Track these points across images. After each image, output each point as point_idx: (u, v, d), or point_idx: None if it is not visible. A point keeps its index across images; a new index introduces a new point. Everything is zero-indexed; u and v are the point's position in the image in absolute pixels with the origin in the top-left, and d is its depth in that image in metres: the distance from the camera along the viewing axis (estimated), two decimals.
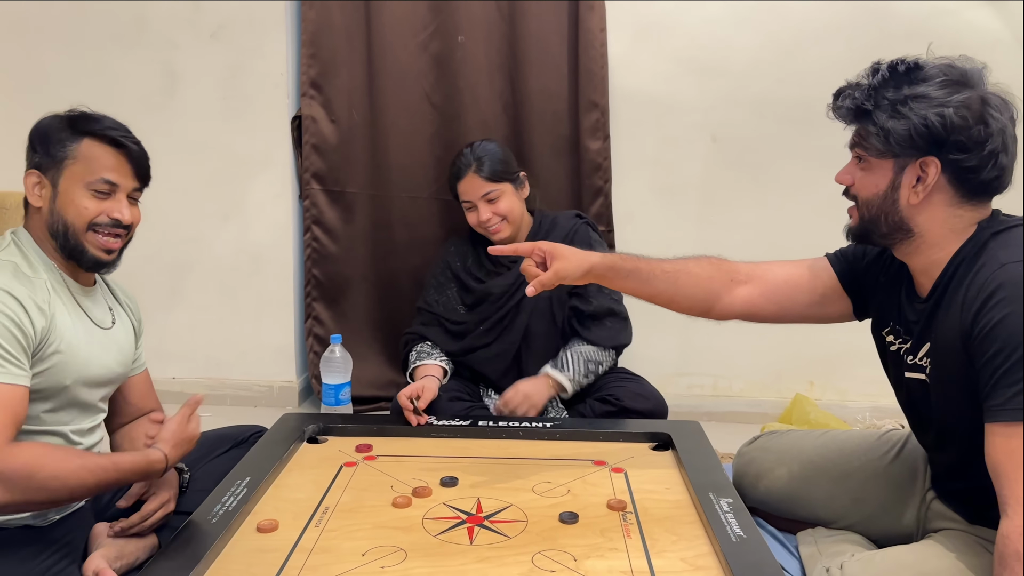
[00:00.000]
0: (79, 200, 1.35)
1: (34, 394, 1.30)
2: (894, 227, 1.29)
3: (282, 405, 2.73)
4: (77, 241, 1.36)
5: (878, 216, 1.29)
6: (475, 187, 2.01)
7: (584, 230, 2.07)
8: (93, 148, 1.36)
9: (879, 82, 1.25)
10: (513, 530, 1.35)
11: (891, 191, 1.27)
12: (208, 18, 2.59)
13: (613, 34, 2.52)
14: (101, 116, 1.40)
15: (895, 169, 1.26)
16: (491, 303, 2.08)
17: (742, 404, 2.70)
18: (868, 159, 1.29)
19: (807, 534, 1.61)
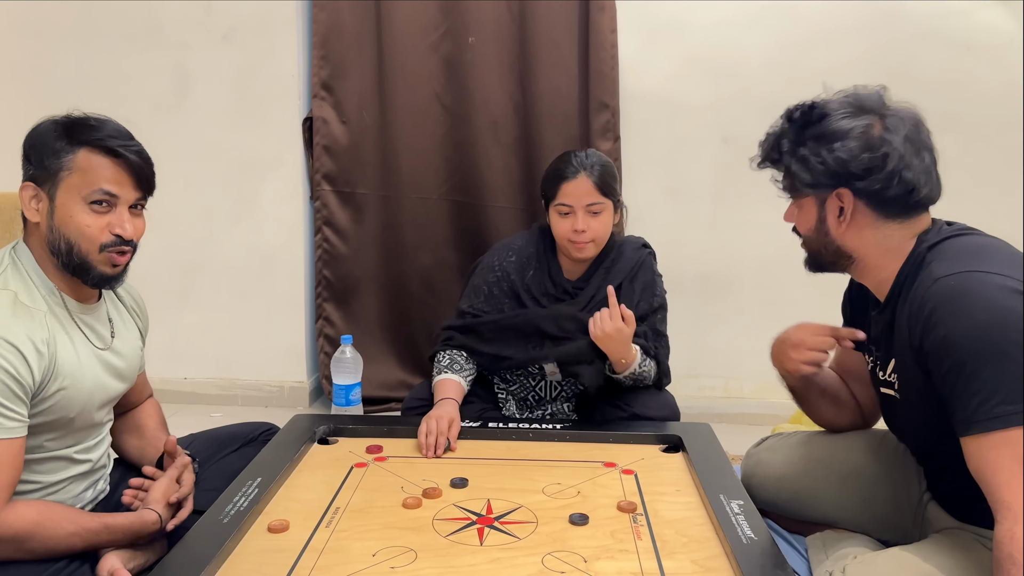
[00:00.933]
0: (78, 216, 1.27)
1: (38, 427, 1.27)
2: (834, 255, 1.35)
3: (293, 406, 2.74)
4: (83, 259, 1.29)
5: (818, 248, 1.36)
6: (584, 192, 1.84)
7: (648, 262, 1.99)
8: (90, 158, 1.27)
9: (780, 131, 1.33)
10: (523, 531, 1.35)
11: (820, 224, 1.33)
12: (220, 20, 2.60)
13: (624, 35, 2.52)
14: (100, 121, 1.31)
15: (817, 204, 1.32)
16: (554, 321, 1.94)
17: (753, 406, 2.69)
18: (797, 197, 1.36)
19: (816, 537, 1.60)
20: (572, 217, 1.85)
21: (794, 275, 2.69)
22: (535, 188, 2.62)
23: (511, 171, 2.64)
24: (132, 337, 1.51)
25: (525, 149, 2.63)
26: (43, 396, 1.27)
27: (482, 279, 1.99)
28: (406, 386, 2.67)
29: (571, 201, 1.85)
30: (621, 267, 1.95)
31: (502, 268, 1.98)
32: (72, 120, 1.31)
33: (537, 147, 2.59)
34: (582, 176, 1.84)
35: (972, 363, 1.13)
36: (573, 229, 1.85)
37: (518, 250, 2.00)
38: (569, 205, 1.85)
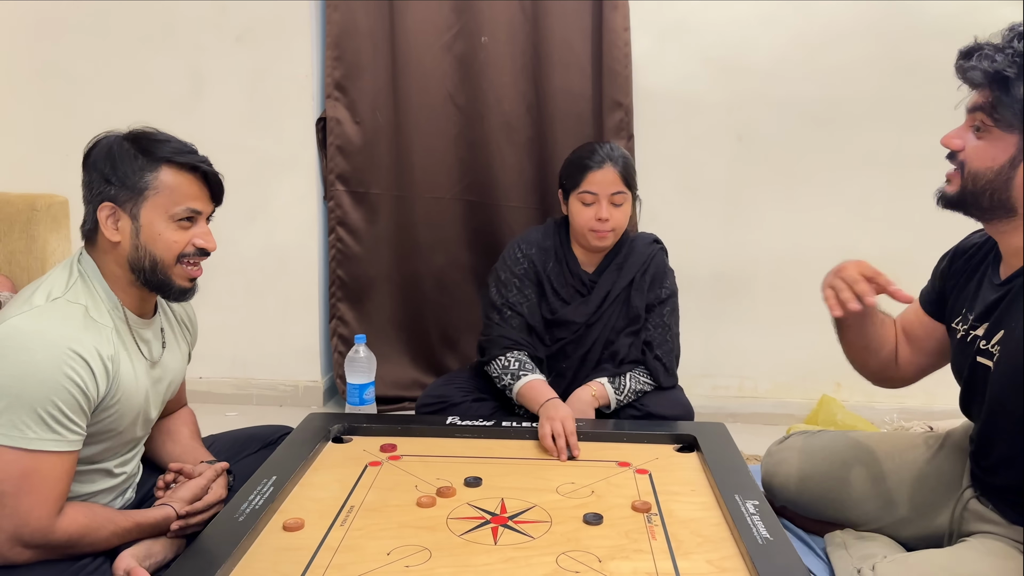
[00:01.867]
0: (167, 233, 1.31)
1: (89, 439, 1.29)
2: (997, 204, 1.22)
3: (307, 405, 2.75)
4: (166, 275, 1.33)
5: (984, 191, 1.22)
6: (610, 181, 1.88)
7: (660, 257, 2.01)
8: (174, 176, 1.30)
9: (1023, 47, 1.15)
10: (537, 531, 1.35)
11: (1008, 168, 1.19)
12: (233, 21, 2.62)
13: (637, 33, 2.51)
14: (167, 137, 1.34)
15: (1019, 146, 1.18)
16: (568, 328, 1.99)
17: (768, 405, 2.68)
18: (990, 129, 1.20)
19: (834, 536, 1.59)
20: (596, 206, 1.89)
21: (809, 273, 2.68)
22: (548, 187, 2.62)
23: (524, 171, 2.64)
24: (181, 351, 1.53)
25: (538, 149, 2.62)
26: (102, 407, 1.29)
27: (510, 272, 2.00)
28: (420, 385, 2.67)
29: (596, 189, 1.88)
30: (633, 262, 1.97)
31: (527, 258, 2.00)
32: (141, 135, 1.33)
33: (550, 147, 2.59)
34: (608, 166, 1.88)
35: None
36: (596, 218, 1.89)
37: (537, 242, 2.02)
38: (594, 193, 1.88)
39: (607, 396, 1.90)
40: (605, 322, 1.97)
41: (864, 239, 2.47)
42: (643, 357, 1.96)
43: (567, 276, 2.00)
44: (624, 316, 1.97)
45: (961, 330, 1.38)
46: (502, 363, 1.93)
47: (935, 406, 2.54)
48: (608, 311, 1.97)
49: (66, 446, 1.22)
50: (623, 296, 1.97)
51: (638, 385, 1.93)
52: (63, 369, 1.20)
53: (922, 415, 2.50)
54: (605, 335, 1.98)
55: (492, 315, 2.00)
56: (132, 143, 1.31)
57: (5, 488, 1.17)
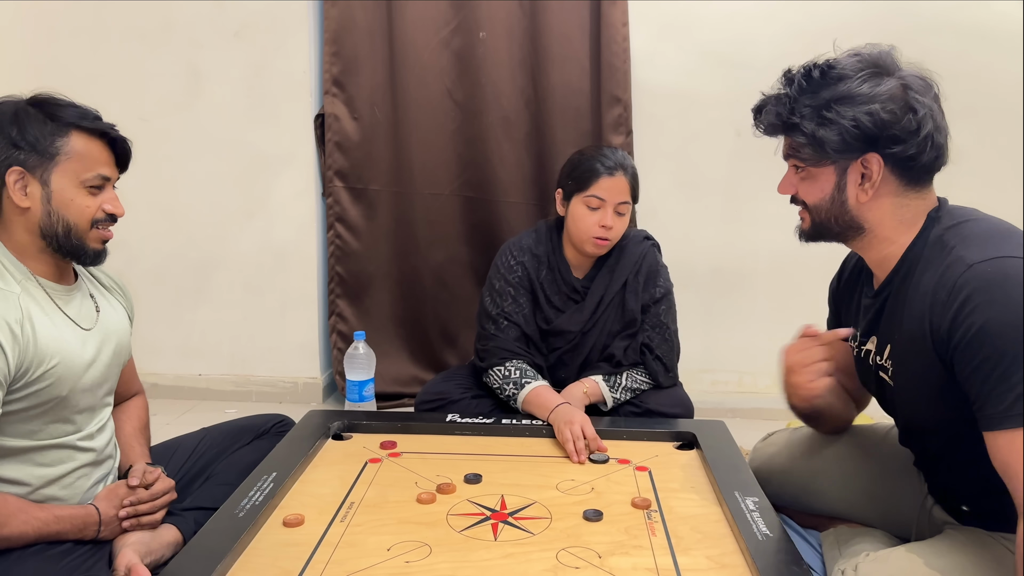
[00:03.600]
0: (79, 199, 1.30)
1: (32, 410, 1.28)
2: (845, 226, 1.29)
3: (307, 401, 2.75)
4: (80, 240, 1.32)
5: (828, 219, 1.29)
6: (619, 190, 1.86)
7: (652, 255, 1.99)
8: (85, 143, 1.30)
9: (797, 91, 1.23)
10: (537, 527, 1.35)
11: (837, 193, 1.26)
12: (231, 17, 2.61)
13: (636, 28, 2.51)
14: (72, 103, 1.32)
15: (837, 172, 1.25)
16: (564, 337, 1.98)
17: (768, 400, 2.67)
18: (806, 168, 1.28)
19: (830, 533, 1.59)
20: (601, 212, 1.86)
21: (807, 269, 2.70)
22: (547, 183, 2.62)
23: (523, 166, 2.64)
24: (119, 316, 1.50)
25: (537, 144, 2.62)
26: (30, 379, 1.26)
27: (504, 280, 1.97)
28: (419, 382, 2.68)
29: (605, 196, 1.85)
30: (625, 264, 1.95)
31: (522, 267, 1.97)
32: (47, 100, 1.31)
33: (549, 142, 2.58)
34: (620, 174, 1.86)
35: (1012, 354, 1.07)
36: (600, 224, 1.85)
37: (530, 249, 1.99)
38: (602, 199, 1.85)
39: (600, 393, 1.89)
40: (601, 328, 1.95)
41: None
42: (642, 359, 1.94)
43: (559, 284, 1.97)
44: (620, 320, 1.95)
45: (855, 347, 1.42)
46: (502, 373, 1.90)
47: None
48: (603, 316, 1.95)
49: None
50: (617, 300, 1.95)
51: (635, 384, 1.93)
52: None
53: None
54: (601, 340, 1.96)
55: (487, 325, 1.97)
56: (38, 108, 1.29)
57: None
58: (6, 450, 1.28)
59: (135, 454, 1.51)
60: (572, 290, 1.96)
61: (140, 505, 1.38)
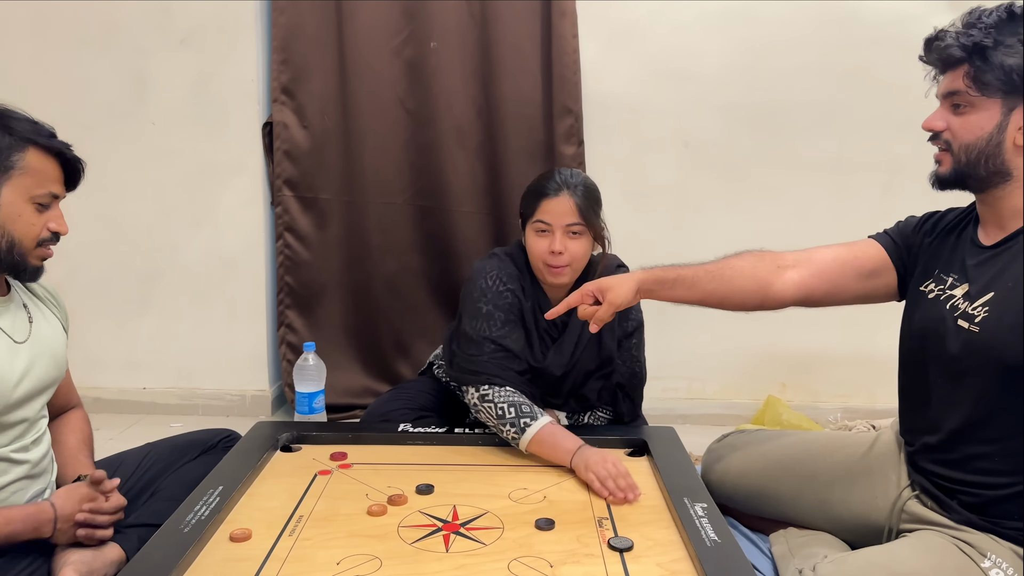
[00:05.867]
0: (27, 215, 1.29)
1: None
2: (993, 171, 1.29)
3: (255, 414, 2.71)
4: (22, 257, 1.30)
5: (978, 160, 1.29)
6: (565, 211, 1.73)
7: None
8: (40, 160, 1.29)
9: (994, 22, 1.25)
10: (489, 537, 1.35)
11: (997, 133, 1.26)
12: (178, 23, 2.56)
13: (585, 40, 2.53)
14: (28, 117, 1.31)
15: (1003, 110, 1.26)
16: (545, 379, 1.85)
17: (716, 406, 2.72)
18: (972, 102, 1.27)
19: (779, 535, 1.62)
20: (549, 236, 1.75)
21: None
22: (500, 192, 2.62)
23: (476, 175, 2.64)
24: (53, 328, 1.47)
25: (489, 153, 2.62)
26: None
27: (493, 305, 1.79)
28: (372, 393, 2.65)
29: (550, 219, 1.74)
30: None
31: (513, 295, 1.81)
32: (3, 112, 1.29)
33: (502, 151, 2.59)
34: (564, 195, 1.74)
35: None
36: (550, 250, 1.74)
37: (516, 278, 1.84)
38: (547, 223, 1.75)
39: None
40: (579, 369, 1.86)
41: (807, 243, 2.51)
42: (612, 400, 1.90)
43: (538, 314, 1.83)
44: (595, 358, 1.86)
45: (934, 291, 1.39)
46: (494, 412, 1.69)
47: (878, 405, 2.62)
48: (581, 357, 1.85)
49: None
50: (594, 339, 1.83)
51: (596, 421, 1.91)
52: None
53: (865, 414, 2.58)
54: (577, 381, 1.87)
55: (470, 350, 1.77)
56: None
57: None
58: None
59: (80, 466, 1.47)
60: (552, 323, 1.83)
61: (99, 515, 1.35)
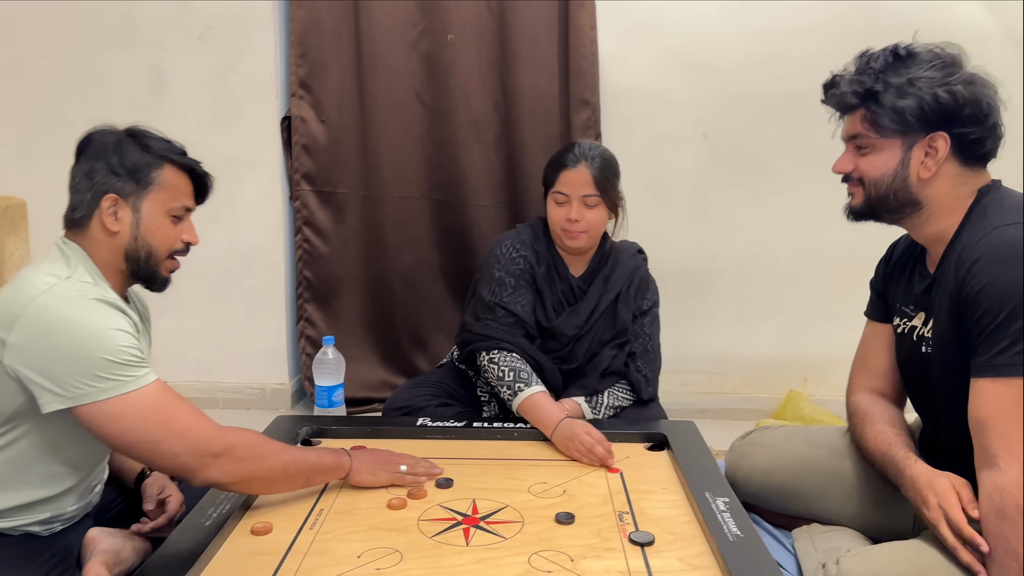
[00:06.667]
0: (164, 227, 1.37)
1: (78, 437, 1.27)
2: (903, 202, 1.34)
3: (275, 408, 2.72)
4: (156, 266, 1.38)
5: (887, 194, 1.34)
6: (581, 181, 1.84)
7: (643, 268, 2.00)
8: (174, 175, 1.37)
9: (882, 66, 1.31)
10: (509, 531, 1.34)
11: (901, 168, 1.32)
12: (196, 19, 2.57)
13: (603, 31, 2.52)
14: (163, 136, 1.40)
15: (903, 148, 1.31)
16: (558, 340, 1.94)
17: (736, 401, 2.70)
18: (873, 142, 1.33)
19: (802, 531, 1.60)
20: (567, 206, 1.86)
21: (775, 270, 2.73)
22: (517, 186, 2.62)
23: (492, 169, 2.63)
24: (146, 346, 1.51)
25: (506, 147, 2.62)
26: None
27: (505, 271, 1.92)
28: (389, 386, 2.66)
29: (567, 190, 1.85)
30: (619, 275, 1.95)
31: (525, 260, 1.93)
32: (143, 133, 1.38)
33: (518, 145, 2.58)
34: (581, 166, 1.85)
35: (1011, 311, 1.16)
36: (567, 218, 1.86)
37: (530, 244, 1.96)
38: (565, 194, 1.86)
39: (580, 413, 1.86)
40: (593, 335, 1.94)
41: (827, 234, 2.50)
42: (626, 370, 1.93)
43: (555, 280, 1.95)
44: (611, 328, 1.94)
45: (903, 326, 1.46)
46: (495, 372, 1.83)
47: None
48: (596, 324, 1.94)
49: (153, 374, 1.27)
50: (610, 310, 1.94)
51: (617, 401, 1.91)
52: (110, 320, 1.24)
53: None
54: (592, 348, 1.94)
55: (483, 314, 1.91)
56: (134, 139, 1.36)
57: (151, 429, 1.22)
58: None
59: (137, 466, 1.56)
60: (569, 288, 1.96)
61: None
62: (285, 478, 1.38)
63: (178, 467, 1.26)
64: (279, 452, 1.37)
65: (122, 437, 1.22)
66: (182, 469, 1.26)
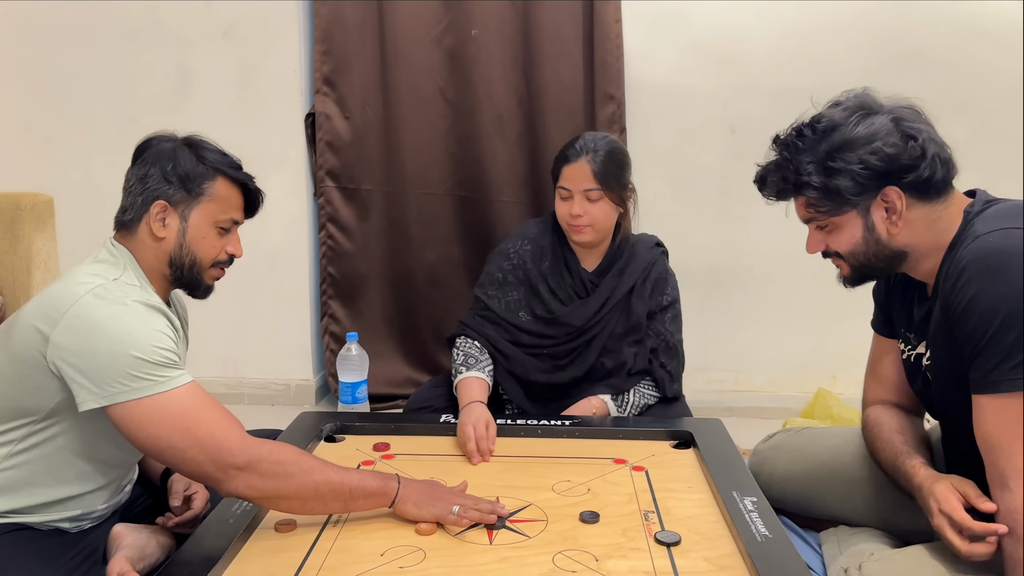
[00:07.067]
0: (210, 238, 1.38)
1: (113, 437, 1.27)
2: (888, 259, 1.30)
3: (299, 403, 2.73)
4: (199, 275, 1.40)
5: (868, 259, 1.30)
6: (582, 176, 1.80)
7: (662, 263, 1.95)
8: (227, 188, 1.39)
9: (794, 152, 1.27)
10: (533, 530, 1.33)
11: (869, 234, 1.27)
12: (220, 17, 2.59)
13: (628, 25, 2.50)
14: (219, 148, 1.42)
15: (861, 214, 1.26)
16: (564, 329, 1.91)
17: (763, 399, 2.67)
18: (828, 221, 1.29)
19: (829, 533, 1.58)
20: (570, 201, 1.83)
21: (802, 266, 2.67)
22: (541, 182, 2.60)
23: (516, 165, 2.62)
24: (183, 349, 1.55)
25: (530, 143, 2.60)
26: None
27: (496, 266, 1.95)
28: (413, 383, 2.66)
29: (569, 184, 1.82)
30: (634, 267, 1.92)
31: (518, 255, 1.93)
32: (199, 143, 1.40)
33: (542, 140, 2.57)
34: (582, 160, 1.81)
35: (1002, 321, 1.11)
36: (569, 213, 1.83)
37: (533, 239, 1.95)
38: (568, 188, 1.83)
39: (606, 411, 1.86)
40: (604, 328, 1.90)
41: None
42: (649, 365, 1.91)
43: (564, 274, 1.92)
44: (624, 322, 1.90)
45: (906, 351, 1.41)
46: (456, 352, 1.91)
47: None
48: (608, 317, 1.90)
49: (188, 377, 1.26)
50: (623, 303, 1.90)
51: (642, 400, 1.89)
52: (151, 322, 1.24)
53: None
54: (604, 342, 1.91)
55: (472, 304, 1.98)
56: (190, 148, 1.37)
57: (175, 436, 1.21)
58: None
59: None
60: (579, 282, 1.92)
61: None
62: (317, 499, 1.28)
63: (202, 476, 1.25)
64: (312, 471, 1.28)
65: (148, 443, 1.22)
66: (206, 478, 1.25)
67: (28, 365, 1.22)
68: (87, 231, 2.81)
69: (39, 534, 1.29)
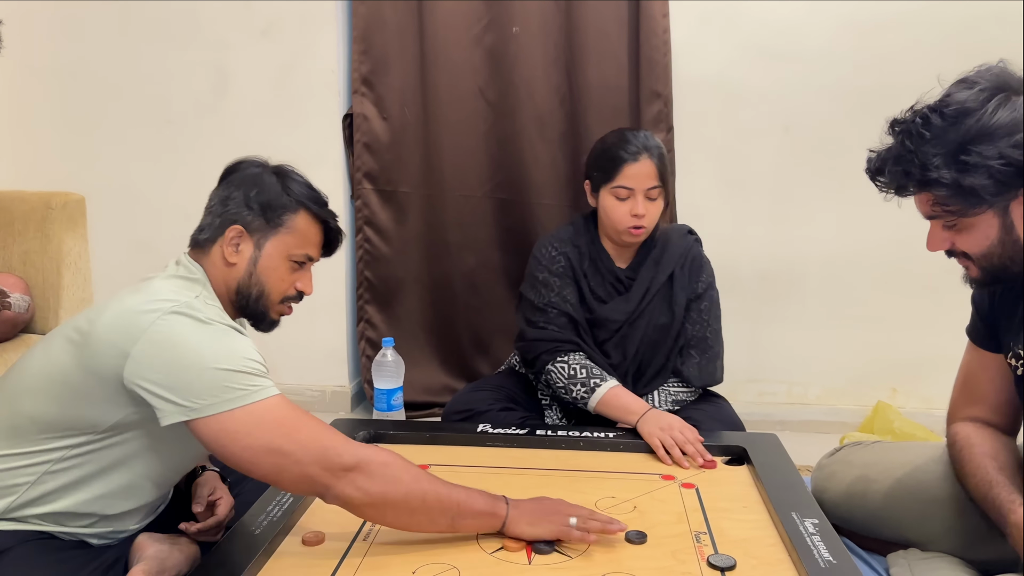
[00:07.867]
0: (281, 271, 1.34)
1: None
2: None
3: (335, 410, 2.68)
4: (265, 308, 1.36)
5: (1003, 263, 1.16)
6: (647, 175, 1.77)
7: (696, 249, 1.93)
8: (307, 223, 1.35)
9: (918, 143, 1.11)
10: (575, 550, 1.25)
11: (1006, 235, 1.13)
12: (258, 16, 2.56)
13: (676, 19, 2.41)
14: (306, 181, 1.38)
15: (998, 214, 1.12)
16: (606, 327, 1.89)
17: (819, 412, 2.55)
18: (957, 221, 1.15)
19: (898, 555, 1.47)
20: (631, 201, 1.78)
21: (862, 273, 2.55)
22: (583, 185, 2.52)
23: (558, 167, 2.55)
24: None
25: (572, 144, 2.53)
26: None
27: (547, 271, 1.89)
28: (450, 390, 2.59)
29: (632, 184, 1.77)
30: (670, 256, 1.88)
31: (564, 257, 1.89)
32: (287, 173, 1.37)
33: (585, 142, 2.48)
34: (644, 158, 1.77)
35: None
36: (632, 214, 1.78)
37: (570, 240, 1.91)
38: (630, 188, 1.77)
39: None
40: (647, 319, 1.87)
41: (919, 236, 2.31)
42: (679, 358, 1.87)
43: (603, 273, 1.89)
44: (667, 311, 1.87)
45: (1018, 367, 1.27)
46: (565, 372, 1.80)
47: None
48: (649, 307, 1.87)
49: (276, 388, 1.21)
50: (664, 291, 1.87)
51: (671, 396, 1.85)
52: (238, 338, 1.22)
53: None
54: (649, 334, 1.87)
55: (535, 318, 1.87)
56: (278, 178, 1.35)
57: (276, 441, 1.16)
58: None
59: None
60: (616, 280, 1.89)
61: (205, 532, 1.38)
62: (424, 510, 1.21)
63: (308, 481, 1.18)
64: (420, 479, 1.22)
65: (245, 455, 1.16)
66: (311, 484, 1.18)
67: (99, 379, 1.18)
68: (120, 232, 2.82)
69: (62, 544, 1.26)
